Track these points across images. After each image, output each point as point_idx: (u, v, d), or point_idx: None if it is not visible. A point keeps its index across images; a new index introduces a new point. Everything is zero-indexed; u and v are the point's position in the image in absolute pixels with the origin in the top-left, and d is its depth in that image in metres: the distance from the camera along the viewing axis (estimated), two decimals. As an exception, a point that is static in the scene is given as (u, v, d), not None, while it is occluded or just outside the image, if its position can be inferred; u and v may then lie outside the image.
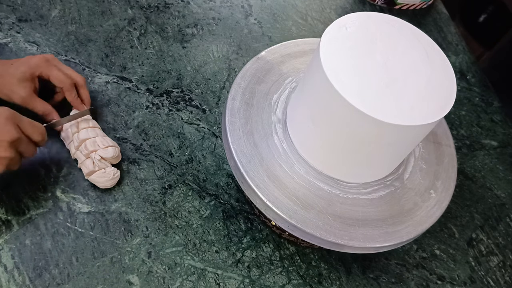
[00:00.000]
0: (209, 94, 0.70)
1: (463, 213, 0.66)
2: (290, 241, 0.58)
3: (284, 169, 0.49)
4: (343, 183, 0.50)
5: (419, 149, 0.54)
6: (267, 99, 0.54)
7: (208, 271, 0.55)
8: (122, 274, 0.53)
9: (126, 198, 0.58)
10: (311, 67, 0.45)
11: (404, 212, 0.49)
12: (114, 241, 0.55)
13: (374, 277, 0.58)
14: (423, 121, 0.41)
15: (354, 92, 0.40)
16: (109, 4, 0.76)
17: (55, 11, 0.73)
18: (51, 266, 0.52)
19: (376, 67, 0.43)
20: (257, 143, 0.50)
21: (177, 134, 0.65)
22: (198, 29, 0.77)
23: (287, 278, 0.56)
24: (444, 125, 0.58)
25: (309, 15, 0.84)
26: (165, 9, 0.78)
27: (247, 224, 0.59)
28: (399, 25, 0.47)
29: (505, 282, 0.61)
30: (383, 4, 0.90)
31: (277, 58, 0.57)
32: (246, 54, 0.75)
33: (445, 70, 0.45)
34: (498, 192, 0.69)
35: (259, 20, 0.81)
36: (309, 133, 0.48)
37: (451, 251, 0.62)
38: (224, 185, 0.61)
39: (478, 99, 0.80)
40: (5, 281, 0.50)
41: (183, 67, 0.72)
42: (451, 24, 0.90)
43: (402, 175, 0.52)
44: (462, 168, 0.70)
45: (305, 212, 0.46)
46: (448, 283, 0.59)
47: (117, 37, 0.73)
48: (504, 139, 0.76)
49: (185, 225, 0.57)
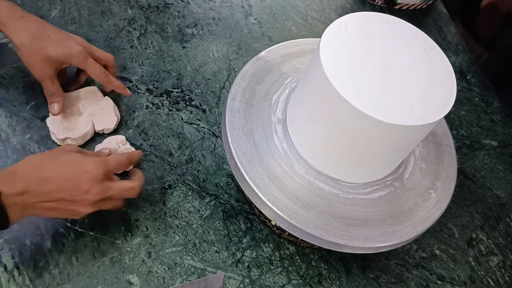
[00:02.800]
0: (209, 94, 0.70)
1: (463, 213, 0.66)
2: (290, 241, 0.58)
3: (284, 169, 0.49)
4: (343, 183, 0.50)
5: (419, 149, 0.54)
6: (267, 99, 0.54)
7: (208, 271, 0.55)
8: (122, 274, 0.53)
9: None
10: (311, 67, 0.45)
11: (404, 212, 0.49)
12: (114, 241, 0.55)
13: (374, 277, 0.58)
14: (423, 121, 0.41)
15: (354, 92, 0.40)
16: (109, 4, 0.76)
17: (55, 11, 0.73)
18: (51, 266, 0.52)
19: (376, 67, 0.43)
20: (257, 143, 0.50)
21: (177, 134, 0.65)
22: (198, 29, 0.77)
23: (287, 278, 0.56)
24: (444, 125, 0.58)
25: (309, 15, 0.84)
26: (165, 9, 0.78)
27: (247, 224, 0.59)
28: (399, 25, 0.47)
29: (505, 282, 0.61)
30: (383, 4, 0.90)
31: (277, 58, 0.57)
32: (246, 54, 0.75)
33: (445, 70, 0.45)
34: (498, 192, 0.69)
35: (259, 20, 0.81)
36: (309, 133, 0.48)
37: (451, 251, 0.62)
38: (224, 185, 0.61)
39: (478, 99, 0.80)
40: (5, 281, 0.50)
41: (183, 67, 0.72)
42: (451, 24, 0.90)
43: (402, 175, 0.52)
44: (462, 168, 0.70)
45: (305, 212, 0.46)
46: (448, 283, 0.59)
47: (117, 37, 0.73)
48: (504, 139, 0.76)
49: (185, 225, 0.57)
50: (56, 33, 0.55)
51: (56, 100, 0.57)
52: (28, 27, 0.52)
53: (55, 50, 0.53)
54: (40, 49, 0.52)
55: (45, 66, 0.53)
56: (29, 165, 0.46)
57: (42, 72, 0.54)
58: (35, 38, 0.52)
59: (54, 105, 0.57)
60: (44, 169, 0.46)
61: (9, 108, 0.62)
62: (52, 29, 0.55)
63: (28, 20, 0.53)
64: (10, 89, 0.63)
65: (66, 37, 0.56)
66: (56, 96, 0.57)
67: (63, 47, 0.54)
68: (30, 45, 0.52)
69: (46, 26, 0.55)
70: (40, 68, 0.53)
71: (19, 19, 0.52)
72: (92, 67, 0.57)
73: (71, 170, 0.47)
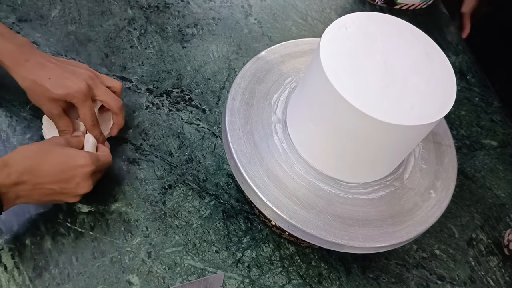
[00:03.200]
0: (209, 94, 0.70)
1: (463, 213, 0.66)
2: (290, 241, 0.58)
3: (284, 169, 0.49)
4: (343, 183, 0.50)
5: (419, 149, 0.54)
6: (267, 99, 0.54)
7: (208, 271, 0.55)
8: (122, 274, 0.53)
9: (126, 198, 0.58)
10: (311, 67, 0.45)
11: (404, 212, 0.49)
12: (114, 241, 0.55)
13: (374, 277, 0.58)
14: (423, 121, 0.41)
15: (354, 92, 0.40)
16: (109, 4, 0.76)
17: (55, 11, 0.73)
18: (51, 266, 0.52)
19: (376, 67, 0.43)
20: (257, 143, 0.50)
21: (177, 134, 0.65)
22: (198, 29, 0.77)
23: (287, 278, 0.56)
24: (444, 125, 0.58)
25: (309, 15, 0.84)
26: (165, 9, 0.78)
27: (247, 224, 0.59)
28: (399, 25, 0.47)
29: (505, 282, 0.61)
30: (383, 4, 0.90)
31: (277, 58, 0.57)
32: (246, 54, 0.75)
33: (445, 70, 0.45)
34: (498, 192, 0.69)
35: (259, 20, 0.81)
36: (309, 133, 0.48)
37: (451, 251, 0.62)
38: (224, 185, 0.61)
39: (478, 99, 0.80)
40: (5, 281, 0.50)
41: (183, 67, 0.72)
42: (451, 24, 0.91)
43: (402, 175, 0.52)
44: (462, 168, 0.70)
45: (305, 212, 0.46)
46: (448, 283, 0.59)
47: (117, 37, 0.73)
48: (504, 139, 0.76)
49: (185, 225, 0.57)
50: (59, 73, 0.56)
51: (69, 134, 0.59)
52: (30, 73, 0.55)
53: (57, 92, 0.55)
54: (43, 91, 0.55)
55: (51, 106, 0.56)
56: (22, 156, 0.48)
57: (50, 112, 0.56)
58: (37, 83, 0.54)
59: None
60: (37, 161, 0.48)
61: (9, 108, 0.62)
62: (55, 70, 0.56)
63: (32, 65, 0.55)
64: (10, 89, 0.63)
65: (68, 75, 0.56)
66: (65, 133, 0.59)
67: (63, 88, 0.55)
68: (34, 89, 0.55)
69: (49, 68, 0.56)
70: (47, 108, 0.56)
71: (23, 64, 0.55)
72: (84, 110, 0.57)
73: (65, 163, 0.49)
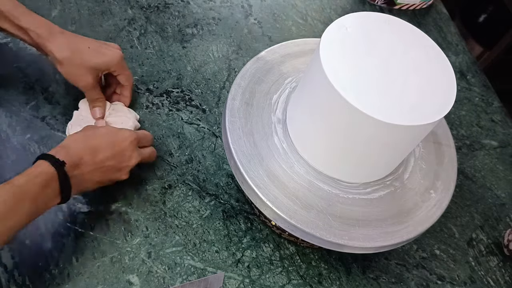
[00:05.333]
0: (209, 94, 0.70)
1: (463, 213, 0.66)
2: (290, 241, 0.58)
3: (284, 169, 0.49)
4: (343, 183, 0.50)
5: (419, 149, 0.54)
6: (267, 99, 0.54)
7: (208, 271, 0.55)
8: (122, 274, 0.53)
9: (126, 198, 0.58)
10: (311, 67, 0.45)
11: (404, 212, 0.49)
12: (114, 241, 0.55)
13: (374, 277, 0.58)
14: (423, 121, 0.41)
15: (354, 92, 0.40)
16: (109, 4, 0.76)
17: (55, 11, 0.73)
18: (51, 266, 0.52)
19: (376, 67, 0.43)
20: (257, 143, 0.50)
21: (177, 134, 0.65)
22: (198, 29, 0.77)
23: (287, 278, 0.56)
24: (444, 125, 0.58)
25: (309, 15, 0.84)
26: (165, 9, 0.78)
27: (247, 224, 0.59)
28: (399, 25, 0.47)
29: (505, 282, 0.61)
30: (383, 4, 0.90)
31: (277, 58, 0.57)
32: (246, 54, 0.75)
33: (445, 70, 0.45)
34: (498, 192, 0.69)
35: (259, 20, 0.81)
36: (309, 133, 0.48)
37: (451, 251, 0.62)
38: (224, 185, 0.61)
39: (478, 99, 0.80)
40: (5, 281, 0.50)
41: (183, 67, 0.72)
42: (451, 24, 0.90)
43: (402, 175, 0.52)
44: (462, 168, 0.70)
45: (305, 212, 0.46)
46: (448, 283, 0.59)
47: (117, 37, 0.73)
48: (504, 139, 0.76)
49: (185, 225, 0.57)
50: (96, 44, 0.58)
51: (98, 105, 0.60)
52: (69, 41, 0.55)
53: (97, 60, 0.56)
54: (83, 61, 0.55)
55: (88, 76, 0.56)
56: (74, 140, 0.50)
57: (86, 82, 0.57)
58: (77, 51, 0.55)
59: (96, 109, 0.60)
60: (90, 141, 0.50)
61: (9, 108, 0.62)
62: (90, 40, 0.58)
63: (67, 35, 0.56)
64: (10, 89, 0.63)
65: (104, 45, 0.59)
66: (99, 101, 0.59)
67: (104, 56, 0.57)
68: (73, 59, 0.55)
69: (84, 38, 0.58)
70: (84, 79, 0.56)
71: (60, 35, 0.55)
72: (125, 73, 0.60)
73: (113, 138, 0.52)
